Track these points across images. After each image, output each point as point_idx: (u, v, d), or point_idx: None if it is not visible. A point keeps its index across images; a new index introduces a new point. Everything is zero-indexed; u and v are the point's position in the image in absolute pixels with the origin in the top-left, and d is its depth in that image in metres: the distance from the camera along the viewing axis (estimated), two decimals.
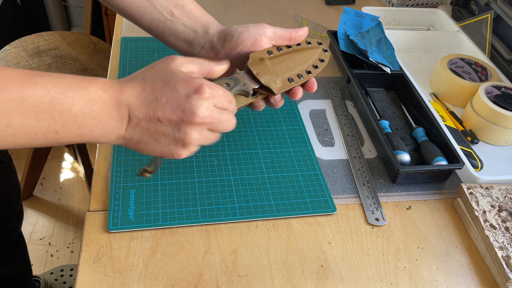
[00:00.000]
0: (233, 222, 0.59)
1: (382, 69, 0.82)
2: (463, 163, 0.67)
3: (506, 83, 0.85)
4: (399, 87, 0.84)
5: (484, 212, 0.62)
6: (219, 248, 0.56)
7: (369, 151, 0.73)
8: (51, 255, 1.41)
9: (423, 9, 1.11)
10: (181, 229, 0.58)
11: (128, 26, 0.95)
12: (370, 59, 0.81)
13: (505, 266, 0.56)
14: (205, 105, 0.43)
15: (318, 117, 0.79)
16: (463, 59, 0.89)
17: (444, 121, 0.78)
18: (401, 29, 1.07)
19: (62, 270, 1.33)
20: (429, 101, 0.79)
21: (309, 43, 0.58)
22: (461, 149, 0.71)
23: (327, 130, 0.76)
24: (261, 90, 0.53)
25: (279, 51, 0.54)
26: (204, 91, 0.42)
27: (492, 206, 0.63)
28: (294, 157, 0.69)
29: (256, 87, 0.53)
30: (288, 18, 1.08)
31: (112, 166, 0.64)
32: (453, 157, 0.68)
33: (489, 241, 0.58)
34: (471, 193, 0.64)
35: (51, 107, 0.38)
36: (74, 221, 1.52)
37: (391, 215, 0.63)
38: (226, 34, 0.55)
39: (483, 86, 0.79)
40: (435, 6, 1.16)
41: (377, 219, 0.62)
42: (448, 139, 0.70)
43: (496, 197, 0.64)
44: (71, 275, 1.32)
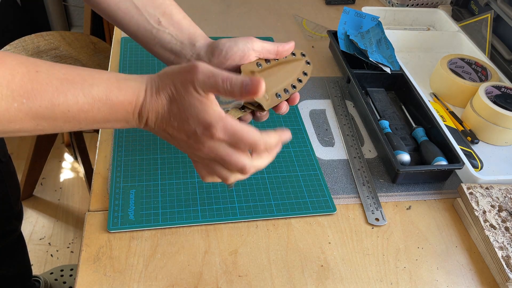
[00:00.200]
0: (233, 222, 0.59)
1: (382, 69, 0.82)
2: (463, 163, 0.67)
3: (506, 83, 0.85)
4: (399, 87, 0.84)
5: (484, 212, 0.62)
6: (219, 248, 0.56)
7: (369, 151, 0.73)
8: (51, 255, 1.41)
9: (423, 9, 1.11)
10: (181, 229, 0.58)
11: None
12: (370, 59, 0.81)
13: (505, 266, 0.56)
14: (209, 143, 0.44)
15: (318, 117, 0.79)
16: (463, 59, 0.89)
17: (444, 121, 0.78)
18: (401, 29, 1.07)
19: (62, 270, 1.33)
20: (429, 101, 0.79)
21: (294, 54, 0.58)
22: (461, 149, 0.71)
23: (327, 130, 0.76)
24: (249, 105, 0.53)
25: (267, 63, 0.55)
26: (211, 132, 0.43)
27: (492, 206, 0.63)
28: (294, 157, 0.69)
29: (244, 101, 0.53)
30: (288, 18, 1.08)
31: (112, 166, 0.64)
32: (453, 157, 0.68)
33: (489, 241, 0.58)
34: (471, 193, 0.64)
35: (78, 114, 0.42)
36: (74, 221, 1.52)
37: (391, 215, 0.64)
38: (214, 48, 0.54)
39: (483, 86, 0.79)
40: (435, 6, 1.16)
41: (377, 219, 0.62)
42: (448, 139, 0.70)
43: (496, 197, 0.64)
44: (71, 275, 1.32)
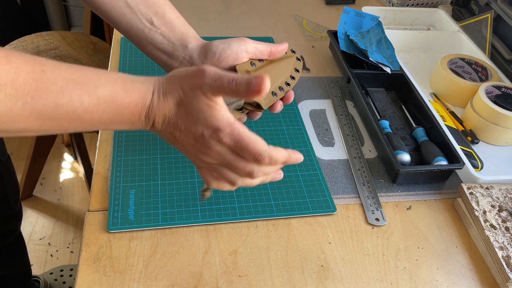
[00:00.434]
0: (233, 222, 0.59)
1: (382, 69, 0.82)
2: (463, 163, 0.67)
3: (506, 83, 0.85)
4: (399, 87, 0.84)
5: (484, 212, 0.62)
6: (219, 248, 0.56)
7: (369, 151, 0.73)
8: (51, 255, 1.41)
9: (423, 9, 1.11)
10: (181, 229, 0.58)
11: None
12: (370, 59, 0.81)
13: (505, 266, 0.56)
14: (216, 147, 0.44)
15: (318, 117, 0.79)
16: (463, 59, 0.89)
17: (444, 121, 0.78)
18: (401, 29, 1.07)
19: (62, 270, 1.33)
20: (429, 101, 0.79)
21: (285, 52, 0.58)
22: (461, 149, 0.71)
23: (327, 130, 0.76)
24: (248, 105, 0.54)
25: (261, 62, 0.55)
26: (218, 136, 0.43)
27: (492, 206, 0.63)
28: None
29: (243, 101, 0.53)
30: (288, 18, 1.08)
31: (112, 166, 0.64)
32: (453, 157, 0.68)
33: (489, 241, 0.58)
34: (471, 193, 0.64)
35: (83, 115, 0.41)
36: (74, 221, 1.52)
37: (391, 215, 0.63)
38: (207, 50, 0.54)
39: (483, 86, 0.79)
40: (435, 6, 1.16)
41: (377, 219, 0.62)
42: (448, 139, 0.70)
43: (496, 197, 0.64)
44: (70, 275, 1.32)
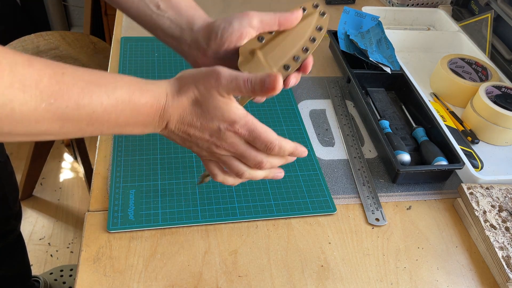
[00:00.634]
0: (233, 222, 0.59)
1: (382, 69, 0.82)
2: (463, 163, 0.67)
3: (506, 83, 0.85)
4: (399, 87, 0.84)
5: (484, 212, 0.62)
6: (219, 248, 0.56)
7: (369, 151, 0.73)
8: (51, 255, 1.41)
9: (423, 9, 1.11)
10: (181, 229, 0.58)
11: (127, 26, 0.94)
12: (370, 59, 0.81)
13: (505, 266, 0.56)
14: (231, 138, 0.45)
15: (318, 117, 0.79)
16: (463, 59, 0.89)
17: (444, 121, 0.78)
18: (401, 29, 1.07)
19: (61, 270, 1.33)
20: (429, 101, 0.79)
21: (304, 9, 0.50)
22: (462, 149, 0.71)
23: (327, 130, 0.76)
24: None
25: (271, 33, 0.50)
26: (234, 129, 0.45)
27: (492, 206, 0.63)
28: None
29: None
30: None
31: (112, 166, 0.64)
32: (453, 157, 0.68)
33: (490, 241, 0.58)
34: (471, 193, 0.64)
35: (102, 116, 0.41)
36: (74, 221, 1.52)
37: (391, 215, 0.63)
38: (210, 31, 0.51)
39: (484, 86, 0.79)
40: (435, 6, 1.16)
41: (377, 219, 0.62)
42: (448, 139, 0.70)
43: (496, 197, 0.64)
44: (70, 275, 1.32)
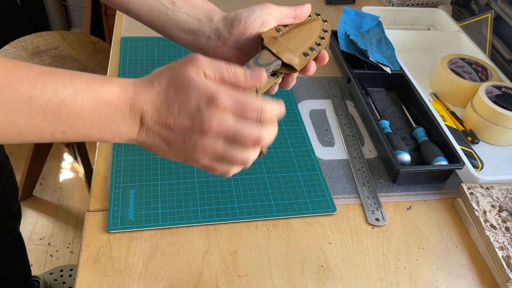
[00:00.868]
0: (233, 222, 0.59)
1: (382, 69, 0.82)
2: (464, 163, 0.66)
3: (506, 83, 0.85)
4: (399, 87, 0.84)
5: (484, 212, 0.62)
6: (219, 248, 0.56)
7: (369, 151, 0.73)
8: (51, 255, 1.41)
9: (424, 9, 1.11)
10: (181, 229, 0.58)
11: (127, 26, 0.94)
12: (370, 59, 0.81)
13: (505, 266, 0.56)
14: (216, 116, 0.39)
15: (318, 117, 0.79)
16: (463, 59, 0.89)
17: (444, 121, 0.78)
18: (401, 29, 1.07)
19: (61, 270, 1.33)
20: (430, 101, 0.79)
21: (309, 15, 0.57)
22: (462, 149, 0.71)
23: (327, 130, 0.76)
24: (283, 68, 0.51)
25: (286, 27, 0.54)
26: (216, 102, 0.39)
27: (492, 206, 0.63)
28: (294, 157, 0.69)
29: (280, 65, 0.50)
30: None
31: (112, 166, 0.64)
32: (453, 157, 0.68)
33: (490, 241, 0.58)
34: (471, 193, 0.64)
35: (59, 109, 0.37)
36: (73, 221, 1.52)
37: (391, 215, 0.63)
38: (232, 19, 0.53)
39: (484, 86, 0.79)
40: (435, 6, 1.16)
41: (377, 219, 0.62)
42: (448, 139, 0.70)
43: (496, 197, 0.64)
44: (70, 275, 1.32)
